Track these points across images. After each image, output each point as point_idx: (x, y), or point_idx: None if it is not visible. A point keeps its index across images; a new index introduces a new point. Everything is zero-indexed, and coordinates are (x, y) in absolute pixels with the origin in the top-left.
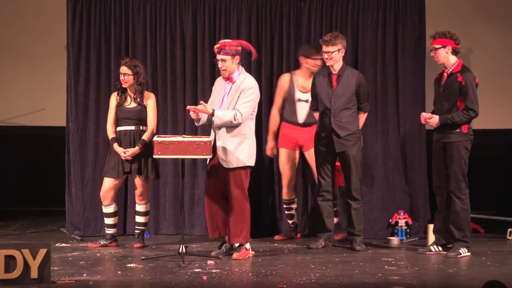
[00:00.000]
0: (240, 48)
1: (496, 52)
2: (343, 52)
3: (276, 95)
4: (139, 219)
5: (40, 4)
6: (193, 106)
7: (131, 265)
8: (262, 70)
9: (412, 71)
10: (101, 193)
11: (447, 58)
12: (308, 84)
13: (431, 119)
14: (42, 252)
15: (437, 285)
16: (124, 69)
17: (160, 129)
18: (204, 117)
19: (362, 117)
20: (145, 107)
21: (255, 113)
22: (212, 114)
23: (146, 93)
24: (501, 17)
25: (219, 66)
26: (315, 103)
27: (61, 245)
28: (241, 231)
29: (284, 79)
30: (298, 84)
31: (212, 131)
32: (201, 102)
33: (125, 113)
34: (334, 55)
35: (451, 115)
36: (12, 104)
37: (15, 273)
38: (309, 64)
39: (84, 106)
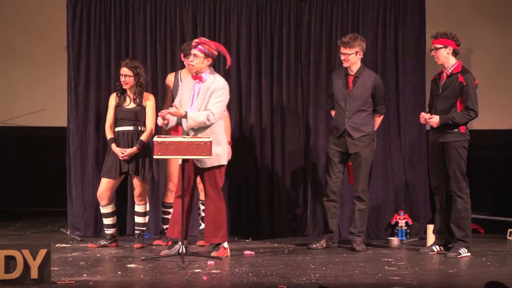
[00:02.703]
0: (216, 52)
1: (496, 53)
2: (361, 54)
3: (167, 94)
4: (138, 219)
5: (40, 4)
6: (166, 111)
7: (131, 265)
8: (262, 70)
9: (412, 72)
10: (98, 193)
11: (447, 58)
12: None
13: (432, 119)
14: (42, 252)
15: (437, 286)
16: (124, 70)
17: (160, 130)
18: (172, 120)
19: (378, 119)
20: (144, 108)
21: (225, 113)
22: (185, 116)
23: (145, 94)
24: (501, 17)
25: (189, 60)
26: (331, 102)
27: (61, 245)
28: (218, 231)
29: (169, 78)
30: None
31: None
32: (174, 105)
33: (124, 113)
34: (351, 57)
35: (452, 115)
36: (12, 104)
37: (15, 274)
38: (185, 62)
39: (84, 107)
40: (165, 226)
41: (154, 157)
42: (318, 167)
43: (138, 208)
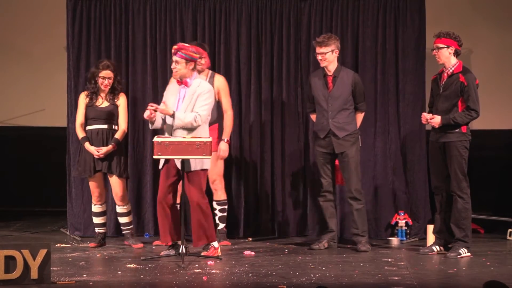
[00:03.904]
0: (197, 55)
1: (496, 53)
2: (337, 53)
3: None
4: (123, 220)
5: (40, 4)
6: (155, 105)
7: (131, 265)
8: (262, 70)
9: (412, 72)
10: (96, 194)
11: (448, 58)
12: None
13: (433, 119)
14: (42, 252)
15: (437, 286)
16: (108, 73)
17: (160, 130)
18: (158, 121)
19: (359, 116)
20: (117, 107)
21: (209, 117)
22: (173, 116)
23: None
24: (501, 17)
25: (172, 67)
26: (311, 105)
27: (61, 245)
28: (205, 233)
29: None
30: None
31: (166, 135)
32: (164, 102)
33: (97, 112)
34: (328, 56)
35: (453, 115)
36: (12, 104)
37: (15, 274)
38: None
39: None
40: None
41: (154, 157)
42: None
43: (120, 209)
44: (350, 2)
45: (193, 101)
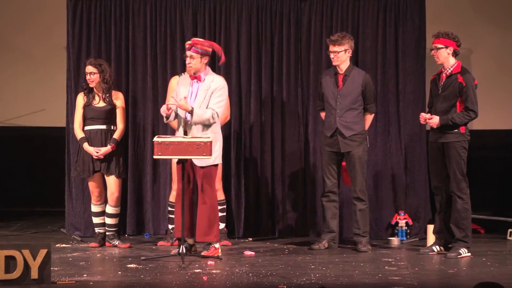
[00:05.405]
0: (210, 49)
1: (496, 53)
2: (350, 52)
3: (167, 97)
4: (111, 221)
5: (40, 4)
6: (174, 103)
7: (131, 265)
8: (262, 70)
9: (412, 72)
10: (96, 194)
11: (447, 58)
12: None
13: (432, 120)
14: (42, 252)
15: (437, 286)
16: (89, 68)
17: (160, 130)
18: (172, 115)
19: (368, 118)
20: (114, 106)
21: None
22: (191, 112)
23: (114, 92)
24: (501, 18)
25: (187, 62)
26: (321, 103)
27: (61, 245)
28: (212, 230)
29: (174, 81)
30: None
31: (181, 129)
32: (185, 97)
33: (95, 112)
34: (341, 55)
35: (452, 115)
36: (12, 104)
37: (15, 274)
38: None
39: None
40: (171, 226)
41: (154, 157)
42: (318, 167)
43: (112, 209)
44: (350, 2)
45: (207, 97)
